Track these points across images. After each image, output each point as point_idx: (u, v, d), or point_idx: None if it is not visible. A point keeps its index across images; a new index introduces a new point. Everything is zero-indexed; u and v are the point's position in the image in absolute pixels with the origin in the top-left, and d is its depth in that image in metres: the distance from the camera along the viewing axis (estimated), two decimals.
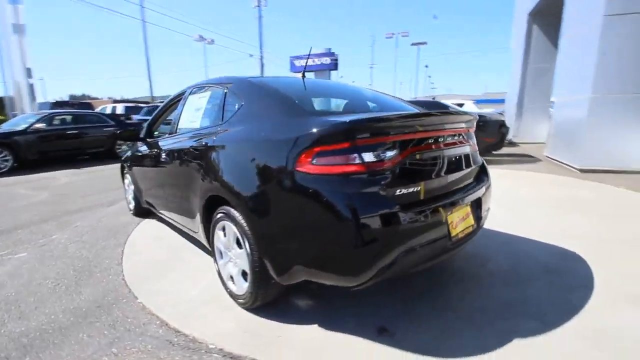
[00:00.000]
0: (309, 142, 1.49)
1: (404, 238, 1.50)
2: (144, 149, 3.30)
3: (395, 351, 1.58)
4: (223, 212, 1.95)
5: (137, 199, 3.78)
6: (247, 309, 1.94)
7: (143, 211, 3.87)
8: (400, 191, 1.52)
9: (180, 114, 2.70)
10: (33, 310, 2.05)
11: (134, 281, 2.38)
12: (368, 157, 1.47)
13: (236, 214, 1.82)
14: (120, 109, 14.81)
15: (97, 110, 14.31)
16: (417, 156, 1.61)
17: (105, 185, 5.90)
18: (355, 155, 1.46)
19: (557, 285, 2.10)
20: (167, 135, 3.14)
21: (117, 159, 9.59)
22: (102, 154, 9.22)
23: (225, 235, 2.01)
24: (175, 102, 3.14)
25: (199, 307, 2.02)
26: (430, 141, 1.69)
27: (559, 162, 6.27)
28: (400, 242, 1.49)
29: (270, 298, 1.89)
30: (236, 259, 1.94)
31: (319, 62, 37.79)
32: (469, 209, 1.88)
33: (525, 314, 1.81)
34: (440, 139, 1.75)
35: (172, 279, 2.38)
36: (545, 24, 9.56)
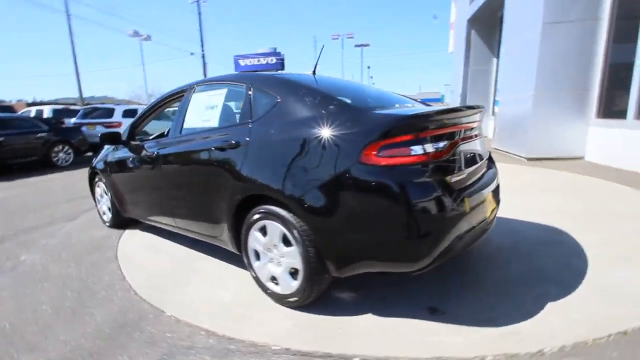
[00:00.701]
0: (376, 136, 1.53)
1: (463, 221, 1.62)
2: (129, 153, 3.01)
3: (454, 326, 1.70)
4: (263, 212, 1.90)
5: (115, 208, 3.42)
6: (295, 308, 1.92)
7: (122, 222, 3.53)
8: (453, 179, 1.64)
9: (185, 114, 2.53)
10: (44, 340, 1.78)
11: (151, 295, 2.18)
12: (428, 148, 1.56)
13: (283, 212, 1.79)
14: (47, 112, 13.03)
15: (20, 113, 12.45)
16: (461, 146, 1.75)
17: (53, 197, 5.20)
18: (418, 146, 1.54)
19: (557, 255, 2.41)
20: (161, 137, 2.93)
21: (54, 168, 8.53)
22: (35, 164, 8.09)
23: (265, 235, 1.95)
24: (164, 103, 2.93)
25: (240, 312, 1.94)
26: (467, 133, 1.84)
27: (507, 152, 7.07)
28: (460, 225, 1.61)
29: (320, 293, 1.89)
30: (281, 258, 1.90)
31: (264, 62, 37.39)
32: (491, 192, 2.09)
33: (545, 281, 2.07)
34: (471, 131, 1.92)
35: (195, 288, 2.23)
36: (482, 30, 10.66)
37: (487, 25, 10.49)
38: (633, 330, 1.60)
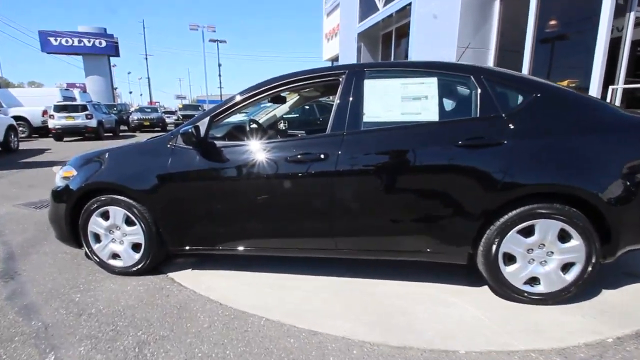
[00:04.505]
0: None
1: None
2: (231, 156, 2.08)
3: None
4: (534, 211, 1.80)
5: (156, 242, 2.24)
6: (563, 302, 1.91)
7: (157, 263, 2.36)
8: None
9: (360, 104, 1.98)
10: None
11: (406, 340, 1.66)
12: None
13: (565, 207, 1.77)
14: None
15: None
16: None
17: None
18: None
19: None
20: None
21: None
22: None
23: (529, 235, 1.84)
24: (278, 89, 2.19)
25: (522, 324, 1.77)
26: None
27: None
28: None
29: None
30: (549, 257, 1.85)
31: (90, 44, 29.90)
32: None
33: None
34: None
35: (431, 315, 1.84)
36: (368, 43, 12.28)
37: (372, 40, 12.20)
38: None
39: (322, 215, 2.02)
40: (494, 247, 1.88)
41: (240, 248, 2.19)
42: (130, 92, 71.29)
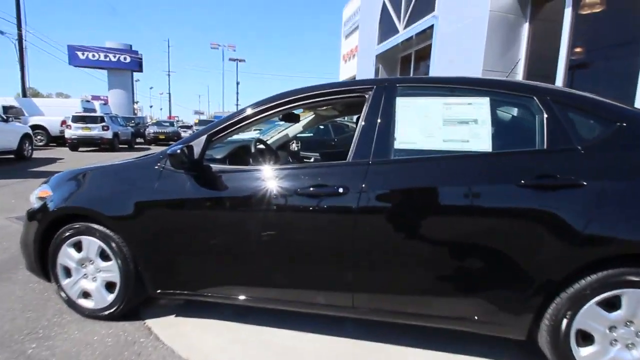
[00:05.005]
0: None
1: None
2: (231, 182, 1.71)
3: None
4: (617, 278, 1.34)
5: (135, 281, 1.85)
6: None
7: (133, 306, 1.96)
8: None
9: (391, 126, 1.59)
10: None
11: None
12: None
13: None
14: None
15: None
16: None
17: None
18: None
19: None
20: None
21: None
22: None
23: (617, 308, 1.36)
24: (292, 105, 1.82)
25: None
26: None
27: None
28: None
29: None
30: (638, 339, 1.37)
31: (115, 59, 31.00)
32: None
33: None
34: None
35: None
36: (387, 65, 12.15)
37: (391, 62, 12.09)
38: None
39: (337, 265, 1.59)
40: (565, 321, 1.40)
41: (235, 297, 1.77)
42: (151, 106, 73.25)
